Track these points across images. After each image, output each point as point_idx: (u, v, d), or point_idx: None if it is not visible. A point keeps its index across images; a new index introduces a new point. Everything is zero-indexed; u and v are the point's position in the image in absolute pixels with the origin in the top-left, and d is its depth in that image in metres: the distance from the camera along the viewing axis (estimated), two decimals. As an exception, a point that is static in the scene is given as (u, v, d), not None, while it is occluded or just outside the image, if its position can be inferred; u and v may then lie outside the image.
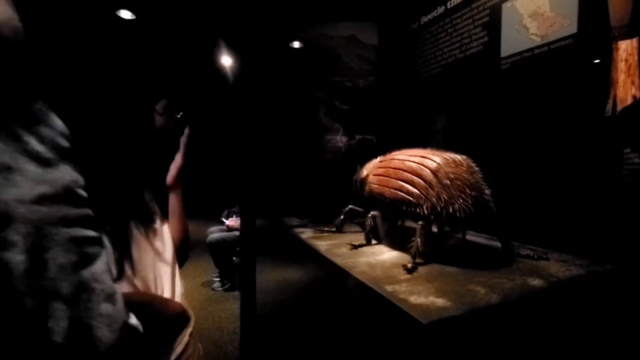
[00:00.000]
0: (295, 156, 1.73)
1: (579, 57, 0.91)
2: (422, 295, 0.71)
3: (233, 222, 3.21)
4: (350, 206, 1.30)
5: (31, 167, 0.30)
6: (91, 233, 0.34)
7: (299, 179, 1.71)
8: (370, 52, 1.72)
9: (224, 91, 1.73)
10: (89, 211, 0.35)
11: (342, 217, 1.29)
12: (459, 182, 0.93)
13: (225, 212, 3.44)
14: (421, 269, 0.86)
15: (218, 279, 3.22)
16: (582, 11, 0.91)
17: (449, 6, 1.35)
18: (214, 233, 3.20)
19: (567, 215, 0.99)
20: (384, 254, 1.01)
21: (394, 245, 1.08)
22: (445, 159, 0.99)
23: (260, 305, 1.67)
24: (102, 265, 0.34)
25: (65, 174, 0.33)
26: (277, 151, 1.69)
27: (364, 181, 1.28)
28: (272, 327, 1.60)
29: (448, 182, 0.94)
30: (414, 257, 0.89)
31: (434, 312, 0.63)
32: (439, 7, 1.40)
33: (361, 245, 1.08)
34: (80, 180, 0.35)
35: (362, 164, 1.41)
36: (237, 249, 3.08)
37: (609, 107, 0.80)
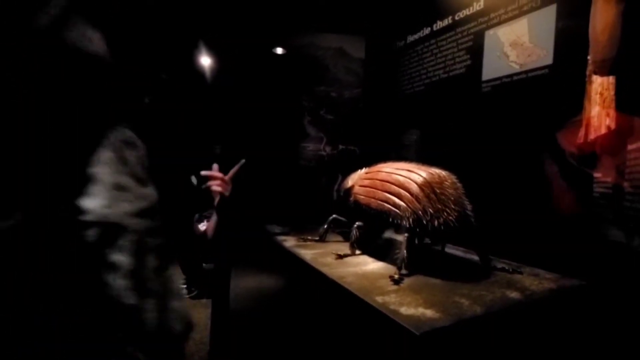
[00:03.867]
0: (278, 163, 1.72)
1: (554, 85, 1.00)
2: (412, 306, 0.72)
3: (205, 226, 3.10)
4: (334, 216, 1.31)
5: (133, 185, 0.37)
6: (164, 242, 0.40)
7: (282, 186, 1.70)
8: (357, 65, 1.76)
9: (208, 94, 1.69)
10: (161, 223, 0.41)
11: (325, 226, 1.30)
12: (444, 197, 0.97)
13: (197, 215, 3.31)
14: (407, 280, 0.88)
15: (185, 286, 3.08)
16: (558, 44, 0.99)
17: (434, 28, 1.42)
18: (184, 238, 3.06)
19: (539, 232, 1.06)
20: (370, 265, 1.02)
21: (378, 256, 1.09)
22: (431, 173, 1.03)
23: (233, 314, 1.62)
24: (172, 269, 0.41)
25: (153, 190, 0.40)
26: (260, 157, 1.67)
27: (348, 191, 1.30)
28: (246, 337, 1.55)
29: (434, 196, 0.98)
30: (399, 268, 0.91)
31: (426, 323, 0.65)
32: (425, 28, 1.47)
33: (346, 255, 1.09)
34: (157, 195, 0.41)
35: (345, 174, 1.42)
36: (208, 254, 2.97)
37: (582, 134, 0.87)
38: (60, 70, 0.34)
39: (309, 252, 1.13)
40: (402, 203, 1.01)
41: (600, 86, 0.72)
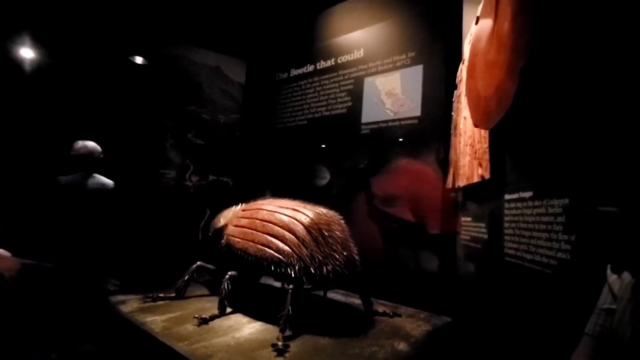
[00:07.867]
0: (128, 194, 1.31)
1: (423, 134, 1.10)
2: (304, 389, 0.56)
3: None
4: (198, 263, 1.04)
5: None
6: None
7: (130, 223, 1.29)
8: (235, 89, 1.60)
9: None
10: None
11: (186, 277, 1.01)
12: (331, 240, 0.88)
13: None
14: (293, 346, 0.72)
15: None
16: (424, 99, 1.11)
17: (318, 67, 1.43)
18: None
19: (413, 273, 1.10)
20: (245, 328, 0.81)
21: (255, 312, 0.89)
22: (318, 213, 0.94)
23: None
24: None
25: None
26: (103, 184, 1.24)
27: (220, 232, 1.07)
28: None
29: (322, 239, 0.87)
30: (283, 331, 0.75)
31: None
32: (308, 65, 1.46)
33: (213, 317, 0.85)
34: None
35: (215, 210, 1.20)
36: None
37: (450, 180, 0.96)
38: None
39: (160, 319, 0.83)
40: (286, 248, 0.87)
41: (471, 139, 0.81)
